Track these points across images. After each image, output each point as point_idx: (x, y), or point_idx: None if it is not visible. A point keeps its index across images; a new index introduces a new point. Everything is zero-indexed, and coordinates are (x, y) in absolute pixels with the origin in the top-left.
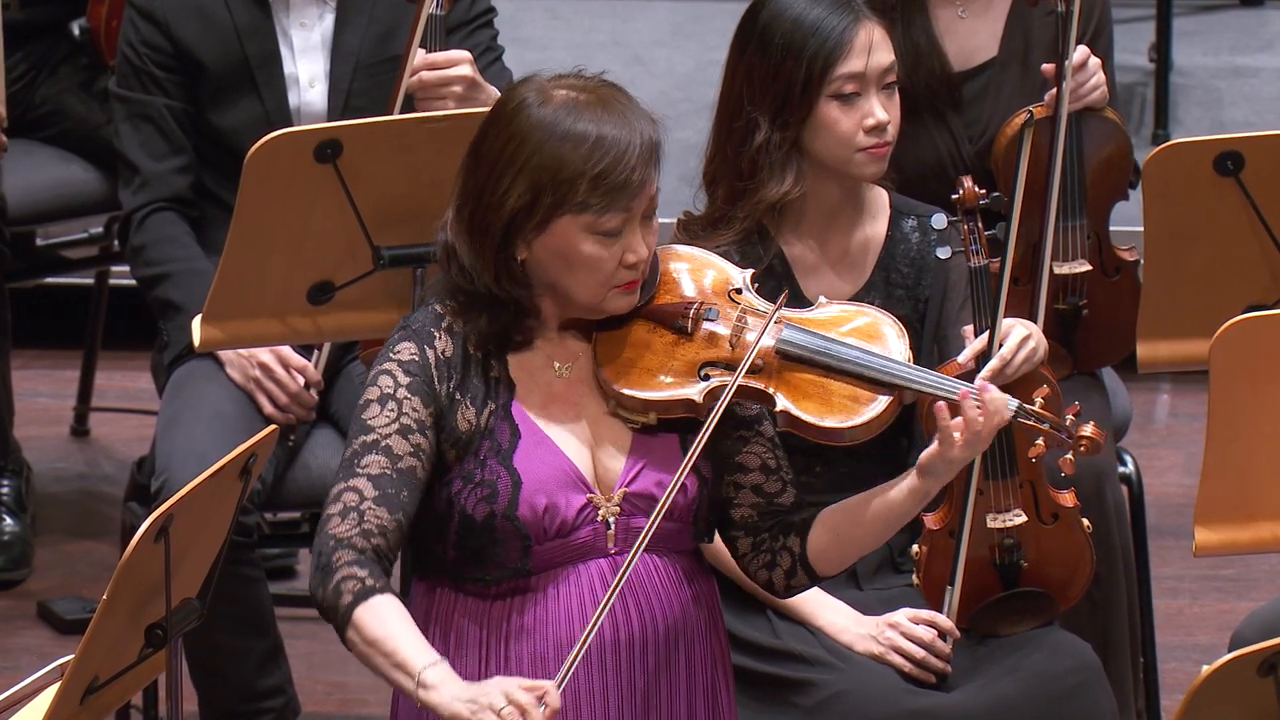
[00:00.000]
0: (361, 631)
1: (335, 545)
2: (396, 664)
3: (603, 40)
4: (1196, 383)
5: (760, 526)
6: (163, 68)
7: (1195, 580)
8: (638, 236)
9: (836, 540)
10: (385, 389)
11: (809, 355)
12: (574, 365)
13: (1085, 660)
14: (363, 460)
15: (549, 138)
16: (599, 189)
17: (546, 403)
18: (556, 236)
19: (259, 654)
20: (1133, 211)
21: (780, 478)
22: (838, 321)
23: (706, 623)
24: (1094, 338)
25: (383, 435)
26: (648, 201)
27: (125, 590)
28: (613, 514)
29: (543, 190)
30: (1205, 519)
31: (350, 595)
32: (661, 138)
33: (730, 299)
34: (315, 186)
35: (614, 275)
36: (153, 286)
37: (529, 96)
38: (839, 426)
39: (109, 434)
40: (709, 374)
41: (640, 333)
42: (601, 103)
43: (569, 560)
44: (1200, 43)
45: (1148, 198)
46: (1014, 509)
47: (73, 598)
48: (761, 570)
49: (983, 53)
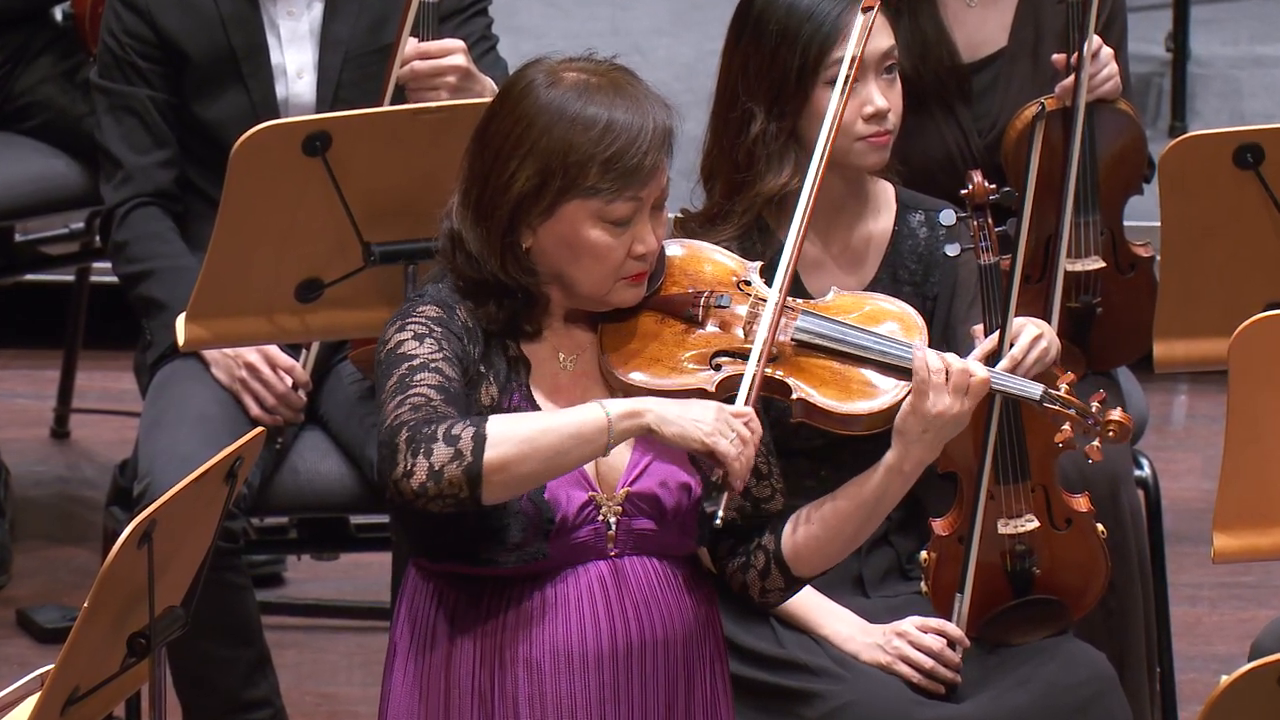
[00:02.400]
0: (510, 437)
1: (418, 422)
2: (570, 421)
3: (601, 29)
4: (1215, 383)
5: (743, 531)
6: (146, 58)
7: (1214, 588)
8: (647, 226)
9: (810, 533)
10: (419, 330)
11: (825, 342)
12: (579, 358)
13: (1100, 671)
14: (416, 378)
15: (558, 120)
16: (610, 173)
17: (552, 394)
18: (564, 223)
19: (245, 664)
20: (1148, 206)
21: (770, 484)
22: (849, 308)
23: (706, 630)
24: (1108, 337)
25: (430, 359)
26: (659, 190)
27: (107, 598)
28: (614, 514)
29: (551, 174)
30: (1224, 524)
31: (469, 426)
32: (675, 125)
33: (740, 289)
34: (303, 180)
35: (622, 265)
36: (135, 284)
37: (538, 78)
38: (858, 413)
39: (90, 436)
40: (721, 363)
41: (648, 324)
42: (614, 86)
43: (568, 561)
44: (1219, 31)
45: (1164, 192)
46: (1026, 514)
47: (53, 605)
48: (737, 574)
49: (992, 43)
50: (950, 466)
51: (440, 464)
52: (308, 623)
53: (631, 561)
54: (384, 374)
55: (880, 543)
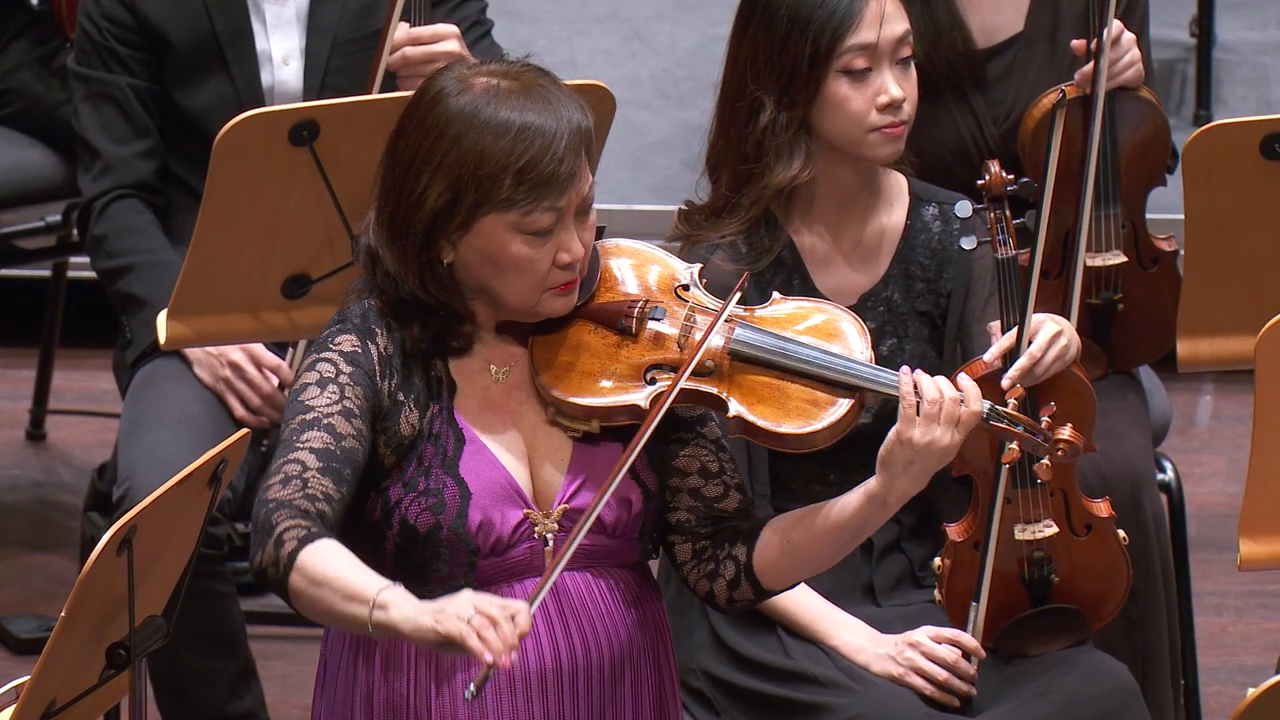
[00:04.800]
0: (308, 573)
1: (276, 506)
2: (348, 596)
3: (600, 13)
4: (1241, 383)
5: (700, 533)
6: (126, 44)
7: (1240, 596)
8: (571, 234)
9: (786, 551)
10: (326, 374)
11: (763, 356)
12: (511, 370)
13: (1121, 683)
14: (303, 436)
15: (468, 129)
16: (524, 183)
17: (482, 409)
18: (482, 237)
19: (229, 675)
20: (1172, 198)
21: (722, 481)
22: (794, 319)
23: (654, 645)
24: (1130, 334)
25: (325, 414)
26: (579, 197)
27: (85, 607)
28: (550, 530)
29: (464, 187)
30: (1251, 529)
31: (294, 541)
32: (591, 125)
33: (677, 296)
34: (290, 171)
35: (547, 276)
36: (115, 279)
37: (447, 85)
38: (796, 433)
39: (67, 438)
40: (655, 377)
41: (580, 334)
42: (525, 89)
43: (504, 579)
44: (1245, 16)
45: (1188, 183)
46: (1044, 519)
47: (29, 615)
48: (703, 580)
49: (1008, 28)
50: (965, 469)
51: (263, 564)
52: (294, 633)
53: (572, 578)
54: (286, 415)
55: (892, 549)
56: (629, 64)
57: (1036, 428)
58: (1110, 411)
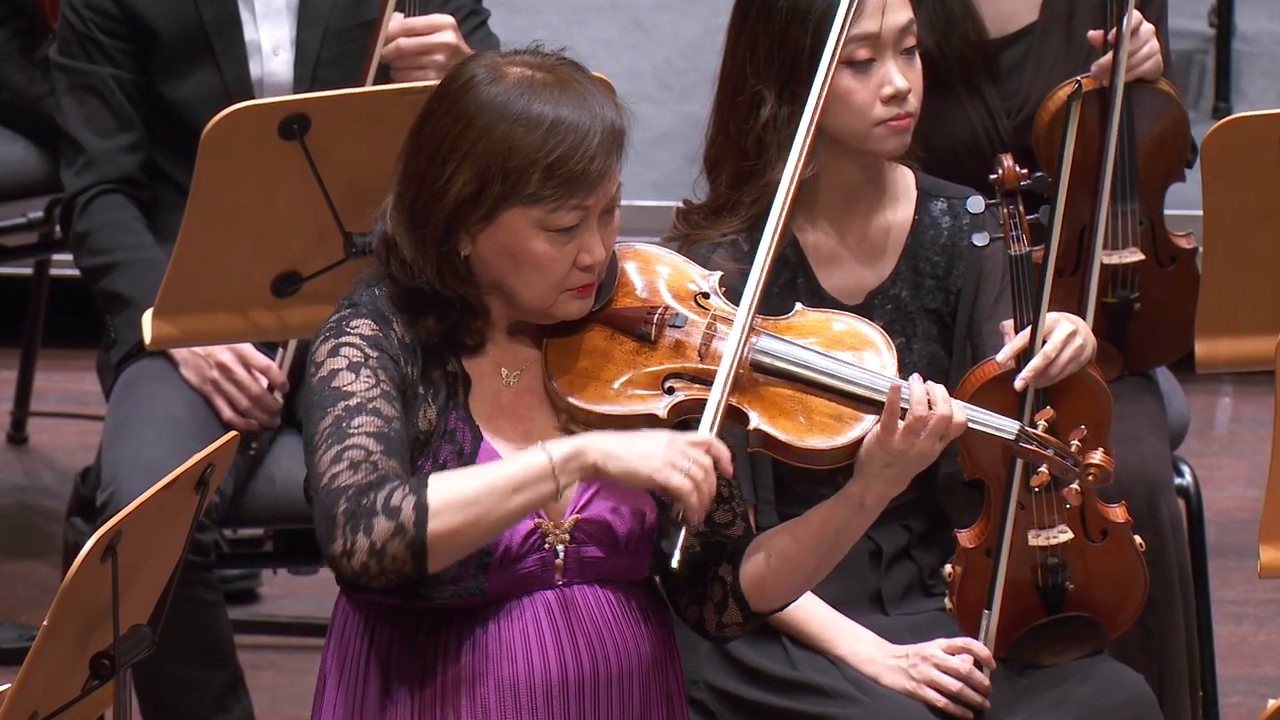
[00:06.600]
0: (452, 504)
1: (359, 490)
2: (515, 487)
3: (600, 3)
4: (1261, 384)
5: (700, 560)
6: (110, 34)
7: (1260, 604)
8: (594, 235)
9: (769, 565)
10: (354, 359)
11: (787, 368)
12: (523, 373)
13: (1138, 694)
14: (353, 422)
15: (499, 120)
16: (553, 179)
17: (493, 414)
18: (504, 231)
19: (217, 687)
20: (1190, 194)
21: (732, 509)
22: (817, 329)
23: (662, 659)
24: (1147, 335)
25: (367, 398)
26: (607, 197)
27: (68, 616)
28: (562, 541)
29: (490, 178)
30: (1271, 536)
31: (409, 494)
32: (627, 125)
33: (697, 304)
34: (280, 166)
35: (567, 277)
36: (98, 277)
37: (479, 73)
38: (819, 448)
39: (50, 441)
40: (673, 387)
41: (596, 340)
42: (560, 83)
43: (513, 591)
44: (1266, 5)
45: (1207, 179)
46: (1058, 525)
47: (10, 624)
48: (690, 606)
49: (1021, 17)
50: (977, 473)
51: (382, 541)
52: (284, 642)
53: (581, 590)
54: (317, 408)
55: (901, 556)
56: (630, 55)
57: (1067, 451)
58: (1126, 414)
